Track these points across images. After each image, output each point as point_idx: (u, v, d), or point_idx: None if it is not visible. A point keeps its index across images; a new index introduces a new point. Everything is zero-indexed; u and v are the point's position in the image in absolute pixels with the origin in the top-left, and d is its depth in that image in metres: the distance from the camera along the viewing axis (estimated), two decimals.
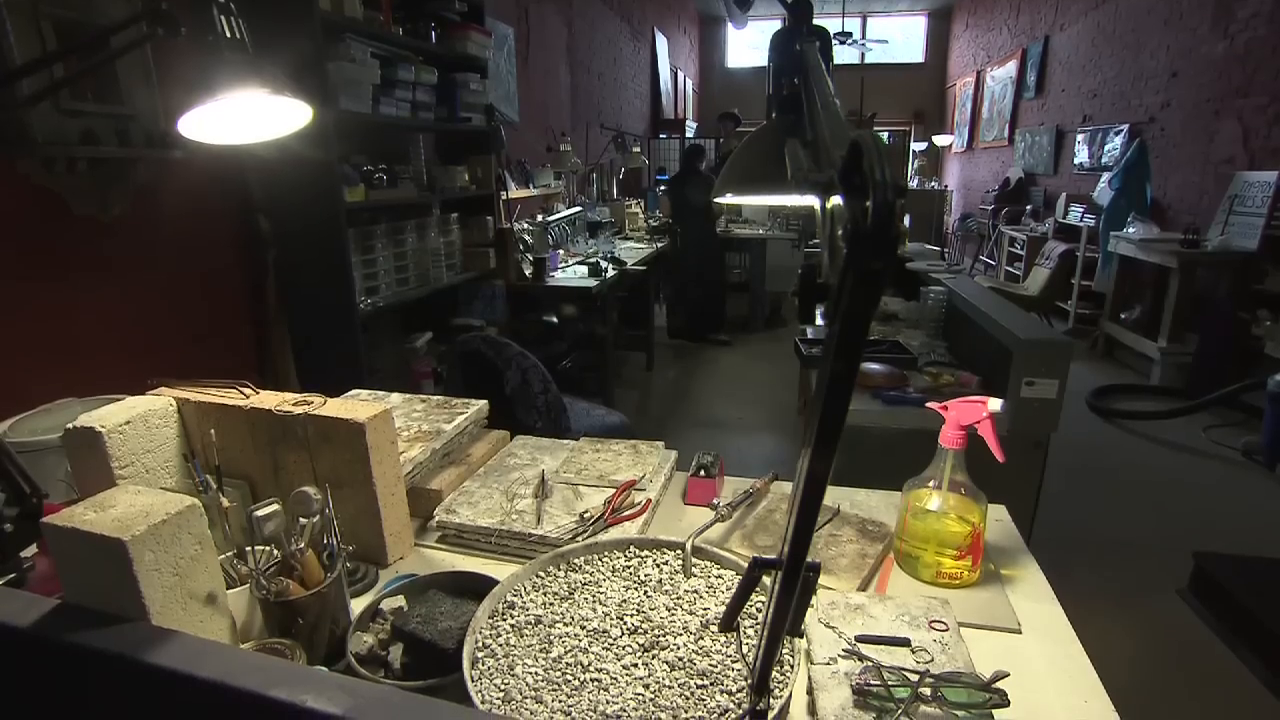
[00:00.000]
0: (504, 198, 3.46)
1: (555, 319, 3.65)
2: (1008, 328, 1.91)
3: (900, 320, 2.99)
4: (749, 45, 11.02)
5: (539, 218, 4.19)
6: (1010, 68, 8.14)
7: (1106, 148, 5.85)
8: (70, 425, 0.94)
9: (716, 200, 0.71)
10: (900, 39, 11.15)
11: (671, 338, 5.58)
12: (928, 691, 0.68)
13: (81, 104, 1.51)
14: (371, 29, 2.34)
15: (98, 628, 0.65)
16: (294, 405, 0.98)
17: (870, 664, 0.71)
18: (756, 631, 0.70)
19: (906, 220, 6.36)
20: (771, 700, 0.51)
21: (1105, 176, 5.44)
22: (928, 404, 0.97)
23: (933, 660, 0.74)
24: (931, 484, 0.96)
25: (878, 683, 0.68)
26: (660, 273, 5.14)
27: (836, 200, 0.25)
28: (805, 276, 0.26)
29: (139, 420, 0.98)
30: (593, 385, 3.83)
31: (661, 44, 8.24)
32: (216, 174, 1.99)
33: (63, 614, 0.66)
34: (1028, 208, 7.31)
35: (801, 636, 0.58)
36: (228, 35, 0.92)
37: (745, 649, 0.53)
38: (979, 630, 0.84)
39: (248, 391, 1.03)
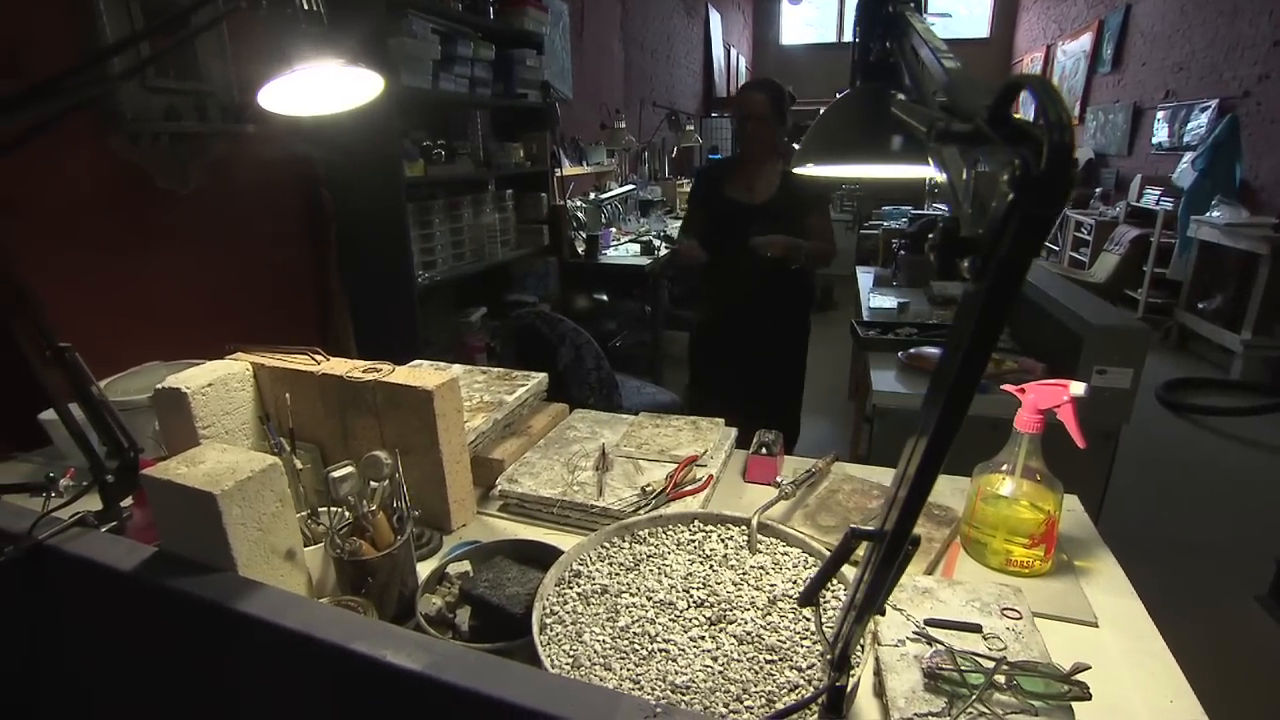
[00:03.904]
0: (558, 175, 3.46)
1: (606, 296, 3.66)
2: (1077, 313, 1.83)
3: (959, 304, 2.90)
4: (804, 22, 10.70)
5: (592, 195, 4.19)
6: (1084, 41, 7.71)
7: (1190, 125, 5.50)
8: (159, 386, 0.99)
9: (795, 170, 0.69)
10: (964, 12, 10.66)
11: None
12: (1002, 679, 0.66)
13: (164, 81, 1.57)
14: (432, 5, 2.36)
15: (192, 575, 0.68)
16: (364, 372, 1.00)
17: (942, 647, 0.69)
18: (833, 607, 0.69)
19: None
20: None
21: (1188, 156, 5.11)
22: (1004, 387, 0.94)
23: (1006, 648, 0.72)
24: (1005, 468, 0.93)
25: (950, 667, 0.67)
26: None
27: (978, 149, 0.23)
28: (947, 230, 0.25)
29: (219, 383, 1.02)
30: (642, 363, 3.84)
31: (715, 20, 8.07)
32: (284, 148, 2.04)
33: (160, 561, 0.70)
34: (1097, 190, 6.95)
35: (884, 614, 0.57)
36: (306, 8, 0.93)
37: (824, 624, 0.52)
38: (1052, 621, 0.81)
39: (319, 358, 1.06)
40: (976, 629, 0.75)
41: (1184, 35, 5.77)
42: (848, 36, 10.45)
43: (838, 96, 0.68)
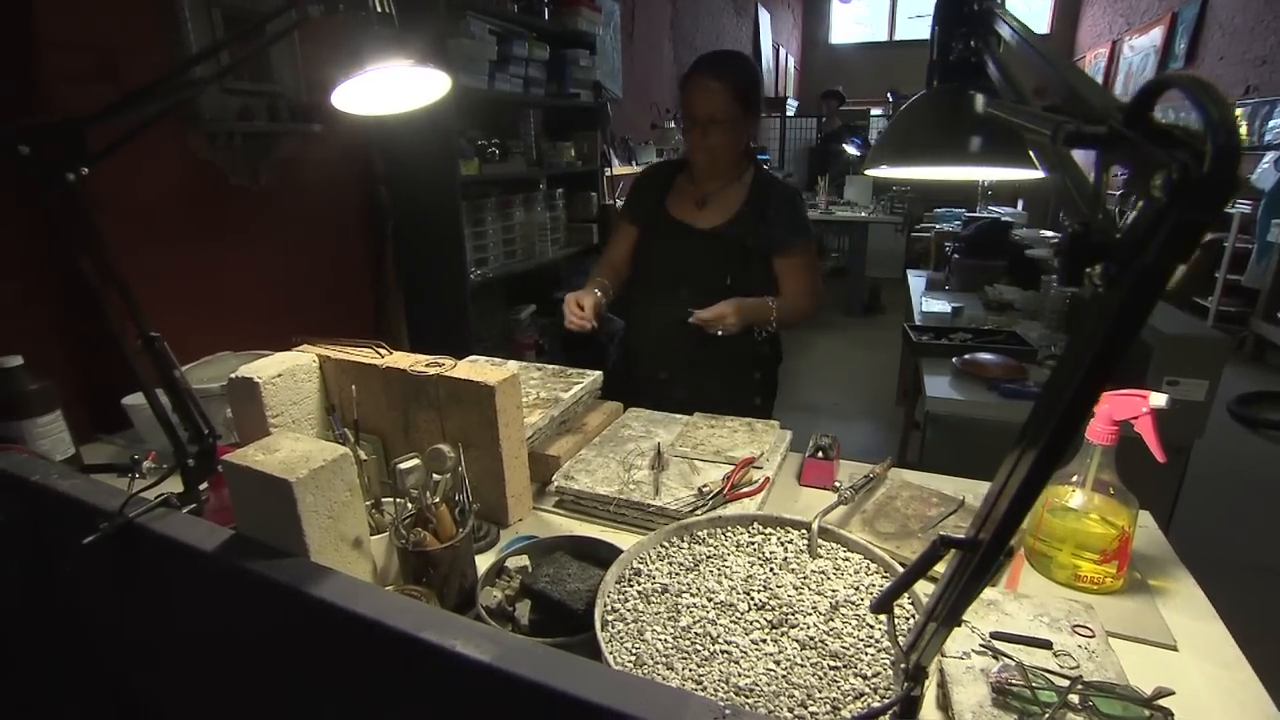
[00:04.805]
0: (608, 174, 3.48)
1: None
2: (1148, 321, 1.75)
3: (1016, 310, 2.81)
4: (854, 20, 10.51)
5: None
6: (1154, 35, 7.37)
7: (1270, 124, 5.21)
8: (233, 375, 1.03)
9: (868, 173, 0.68)
10: (1022, 8, 10.32)
11: None
12: (1076, 699, 0.64)
13: (240, 83, 1.64)
14: (490, 6, 2.40)
15: (267, 558, 0.71)
16: (427, 366, 1.03)
17: (1012, 663, 0.67)
18: (904, 614, 0.68)
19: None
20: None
21: (1269, 156, 4.84)
22: None
23: (1079, 667, 0.69)
24: (1075, 480, 0.89)
25: (1020, 683, 0.65)
26: None
27: (1114, 152, 0.22)
28: (1079, 235, 0.24)
29: (288, 374, 1.06)
30: None
31: (764, 19, 8.00)
32: (345, 147, 2.11)
33: (238, 543, 0.73)
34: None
35: (960, 626, 0.56)
36: (379, 10, 0.96)
37: (896, 631, 0.51)
38: (1125, 641, 0.78)
39: (383, 352, 1.09)
40: (1046, 645, 0.72)
41: (1269, 27, 5.46)
42: (900, 35, 10.25)
43: (911, 99, 0.67)
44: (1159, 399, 0.81)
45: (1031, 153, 0.34)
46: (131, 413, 1.23)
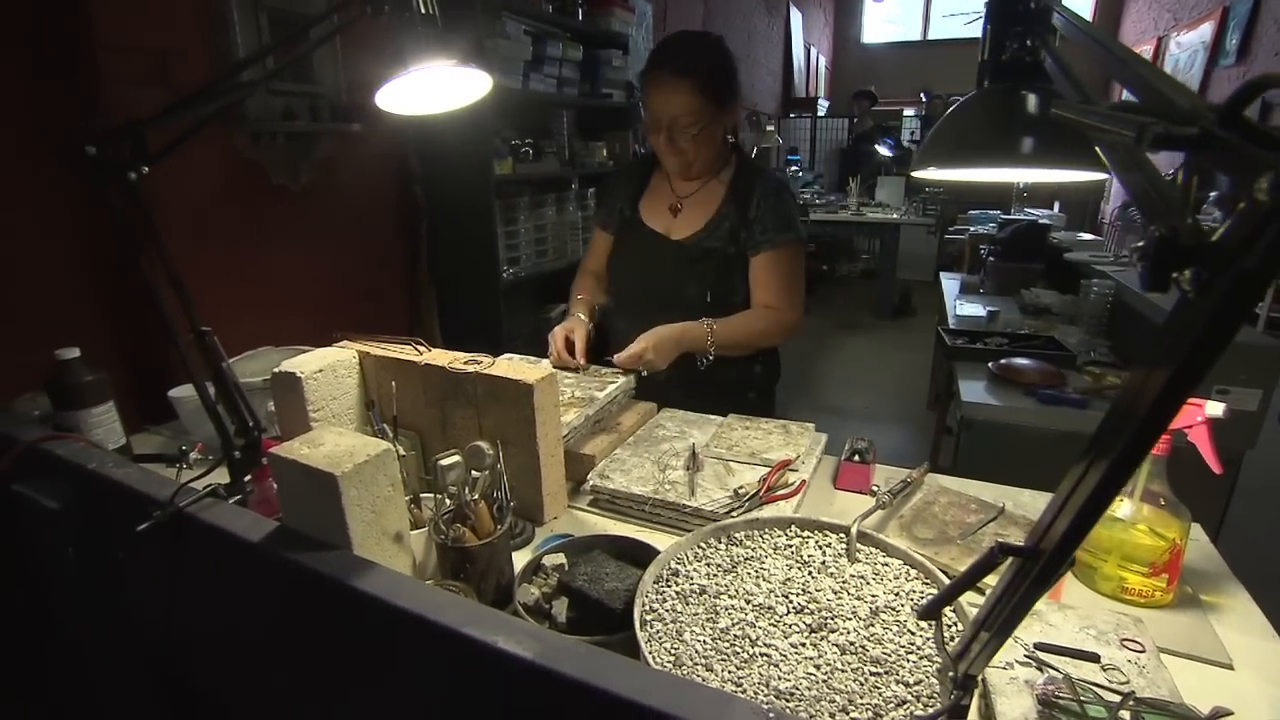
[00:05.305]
0: None
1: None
2: None
3: (1054, 315, 2.75)
4: (886, 19, 10.36)
5: None
6: (1203, 31, 7.12)
7: None
8: (276, 370, 1.05)
9: (916, 174, 0.67)
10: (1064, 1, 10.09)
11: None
12: (1127, 715, 0.62)
13: (283, 84, 1.68)
14: (525, 7, 2.42)
15: (311, 550, 0.72)
16: (465, 364, 1.04)
17: (1059, 675, 0.66)
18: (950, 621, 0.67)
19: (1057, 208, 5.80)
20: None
21: None
22: None
23: (1129, 682, 0.68)
24: (1124, 489, 0.87)
25: (1068, 696, 0.63)
26: None
27: (1206, 154, 0.22)
28: (1166, 238, 0.23)
29: (329, 370, 1.08)
30: None
31: (796, 19, 7.93)
32: (382, 147, 2.14)
33: (283, 535, 0.75)
34: (1211, 195, 6.43)
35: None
36: (423, 11, 0.97)
37: (944, 639, 0.50)
38: (1176, 658, 0.76)
39: (422, 349, 1.10)
40: (1094, 658, 0.71)
41: None
42: (933, 34, 10.08)
43: (961, 99, 0.66)
44: (1215, 408, 0.79)
45: (1101, 154, 0.33)
46: (177, 405, 1.26)
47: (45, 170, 1.36)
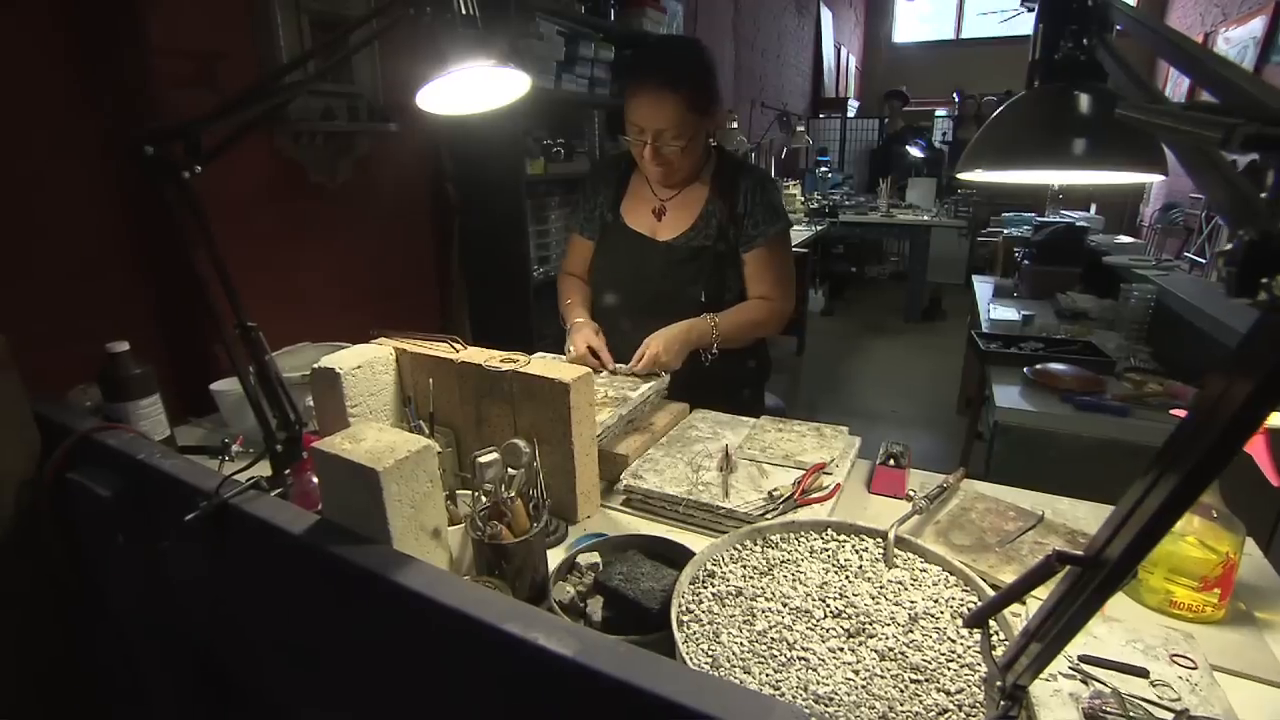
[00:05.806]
0: None
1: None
2: (1239, 330, 1.64)
3: (1092, 320, 2.69)
4: (919, 18, 10.21)
5: None
6: (1254, 26, 6.87)
7: None
8: (316, 366, 1.07)
9: (960, 176, 0.66)
10: None
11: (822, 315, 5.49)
12: None
13: (323, 84, 1.71)
14: (558, 7, 2.43)
15: (352, 544, 0.73)
16: (501, 362, 1.04)
17: (1106, 689, 0.64)
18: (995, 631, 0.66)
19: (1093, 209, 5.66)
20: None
21: None
22: (1172, 411, 0.86)
23: (1180, 699, 0.66)
24: None
25: (1116, 711, 0.62)
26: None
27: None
28: (1256, 244, 0.23)
29: (367, 366, 1.10)
30: None
31: (826, 18, 7.86)
32: (417, 146, 2.17)
33: (324, 528, 0.76)
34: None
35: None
36: (463, 12, 0.98)
37: (990, 648, 0.49)
38: (1228, 676, 0.74)
39: (458, 346, 1.11)
40: (1143, 674, 0.69)
41: None
42: (967, 33, 9.90)
43: (1012, 98, 0.64)
44: (1275, 419, 0.76)
45: (1173, 155, 0.32)
46: (218, 398, 1.29)
47: (100, 174, 1.41)
